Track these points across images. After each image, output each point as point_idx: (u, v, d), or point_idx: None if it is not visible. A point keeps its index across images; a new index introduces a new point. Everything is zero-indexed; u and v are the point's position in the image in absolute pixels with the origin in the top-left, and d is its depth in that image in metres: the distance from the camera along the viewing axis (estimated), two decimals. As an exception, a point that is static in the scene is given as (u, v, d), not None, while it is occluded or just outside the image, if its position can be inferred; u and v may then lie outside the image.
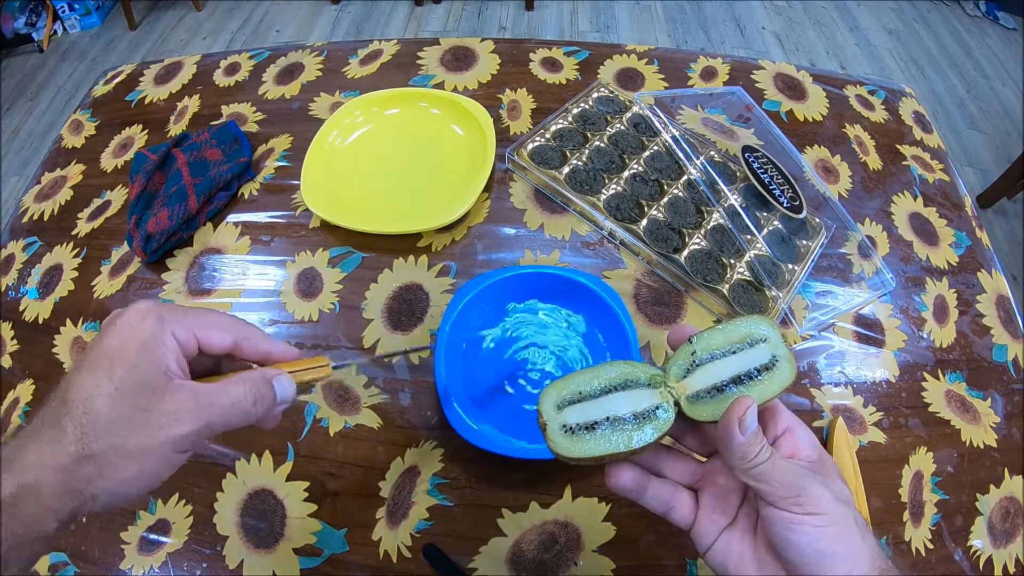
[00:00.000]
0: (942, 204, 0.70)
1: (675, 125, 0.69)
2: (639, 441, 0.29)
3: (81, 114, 0.80)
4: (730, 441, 0.27)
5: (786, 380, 0.29)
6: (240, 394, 0.29)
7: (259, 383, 0.30)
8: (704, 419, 0.29)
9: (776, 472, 0.27)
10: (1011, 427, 0.56)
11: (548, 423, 0.30)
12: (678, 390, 0.30)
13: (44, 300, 0.63)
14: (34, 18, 2.31)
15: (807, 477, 0.27)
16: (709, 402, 0.30)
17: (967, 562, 0.49)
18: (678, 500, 0.31)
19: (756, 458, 0.27)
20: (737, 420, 0.27)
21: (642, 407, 0.30)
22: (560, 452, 0.29)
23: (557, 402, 0.30)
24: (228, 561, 0.47)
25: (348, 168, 0.67)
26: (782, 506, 0.26)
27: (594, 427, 0.29)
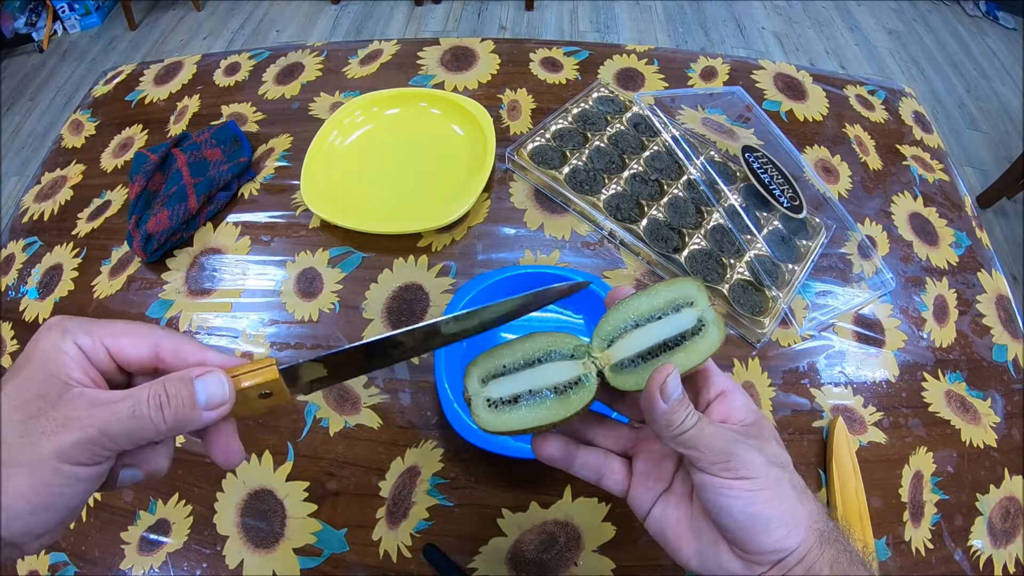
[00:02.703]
0: (942, 204, 0.70)
1: (675, 125, 0.69)
2: (560, 413, 0.29)
3: (81, 114, 0.80)
4: (653, 410, 0.27)
5: (713, 344, 0.29)
6: (142, 397, 0.25)
7: (172, 386, 0.26)
8: (628, 388, 0.29)
9: (704, 438, 0.26)
10: (1011, 427, 0.56)
11: (473, 397, 0.30)
12: (602, 360, 0.30)
13: (44, 300, 0.63)
14: (34, 18, 2.31)
15: (737, 442, 0.26)
16: (634, 371, 0.29)
17: (967, 562, 0.49)
18: (608, 468, 0.31)
19: (682, 424, 0.27)
20: (659, 388, 0.27)
21: (564, 379, 0.29)
22: (484, 426, 0.29)
23: (481, 376, 0.30)
24: (228, 561, 0.47)
25: (348, 168, 0.67)
26: (712, 471, 0.26)
27: (517, 400, 0.29)
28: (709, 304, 0.30)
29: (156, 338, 0.28)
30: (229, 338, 0.58)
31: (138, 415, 0.25)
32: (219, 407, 0.27)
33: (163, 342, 0.28)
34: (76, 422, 0.24)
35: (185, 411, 0.26)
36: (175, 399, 0.26)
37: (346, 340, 0.56)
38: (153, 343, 0.28)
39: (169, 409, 0.25)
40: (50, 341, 0.26)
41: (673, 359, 0.29)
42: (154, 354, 0.28)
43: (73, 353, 0.26)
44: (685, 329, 0.29)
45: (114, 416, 0.25)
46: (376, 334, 0.56)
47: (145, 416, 0.25)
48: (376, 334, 0.56)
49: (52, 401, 0.24)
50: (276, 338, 0.57)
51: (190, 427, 0.27)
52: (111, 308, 0.61)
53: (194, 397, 0.26)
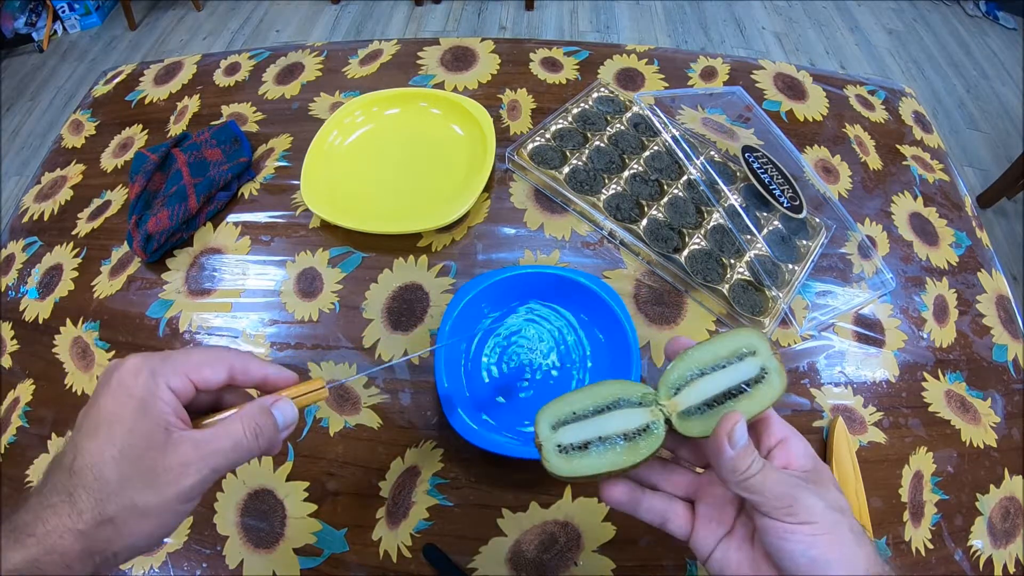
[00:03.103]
0: (942, 204, 0.70)
1: (675, 125, 0.69)
2: (630, 460, 0.30)
3: (81, 114, 0.80)
4: (720, 456, 0.28)
5: (776, 393, 0.30)
6: (239, 432, 0.29)
7: (257, 416, 0.30)
8: (695, 435, 0.30)
9: (768, 483, 0.27)
10: (1011, 427, 0.56)
11: (544, 443, 0.31)
12: (669, 407, 0.31)
13: (44, 300, 0.63)
14: (34, 18, 2.31)
15: (799, 487, 0.27)
16: (700, 418, 0.30)
17: (967, 562, 0.49)
18: (673, 512, 0.32)
19: (748, 471, 0.27)
20: (726, 435, 0.28)
21: (633, 426, 0.30)
22: (554, 471, 0.30)
23: (552, 422, 0.31)
24: (228, 561, 0.47)
25: (348, 168, 0.67)
26: (775, 516, 0.27)
27: (587, 446, 0.30)
28: (771, 353, 0.31)
29: (229, 361, 0.31)
30: (229, 338, 0.58)
31: (239, 448, 0.29)
32: (291, 427, 0.32)
33: (235, 364, 0.31)
34: (191, 467, 0.28)
35: (271, 435, 0.31)
36: (265, 428, 0.30)
37: (346, 340, 0.56)
38: (228, 366, 0.31)
39: (263, 436, 0.30)
40: (143, 388, 0.28)
41: (738, 407, 0.30)
42: (229, 376, 0.31)
43: (168, 399, 0.29)
44: (748, 377, 0.30)
45: (221, 454, 0.29)
46: (377, 334, 0.56)
47: (245, 448, 0.29)
48: (377, 334, 0.56)
49: (160, 450, 0.27)
50: (276, 338, 0.57)
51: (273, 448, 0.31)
52: (111, 308, 0.61)
53: (276, 423, 0.31)
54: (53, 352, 0.59)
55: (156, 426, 0.28)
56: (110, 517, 0.26)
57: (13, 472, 0.54)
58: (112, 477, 0.26)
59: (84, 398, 0.56)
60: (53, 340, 0.60)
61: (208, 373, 0.30)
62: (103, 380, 0.29)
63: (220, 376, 0.31)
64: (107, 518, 0.26)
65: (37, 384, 0.58)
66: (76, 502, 0.26)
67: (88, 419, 0.28)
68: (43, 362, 0.59)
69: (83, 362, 0.58)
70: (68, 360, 0.59)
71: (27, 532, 0.25)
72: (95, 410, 0.28)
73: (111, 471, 0.26)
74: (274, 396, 0.32)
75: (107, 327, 0.60)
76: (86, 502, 0.26)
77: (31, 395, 0.57)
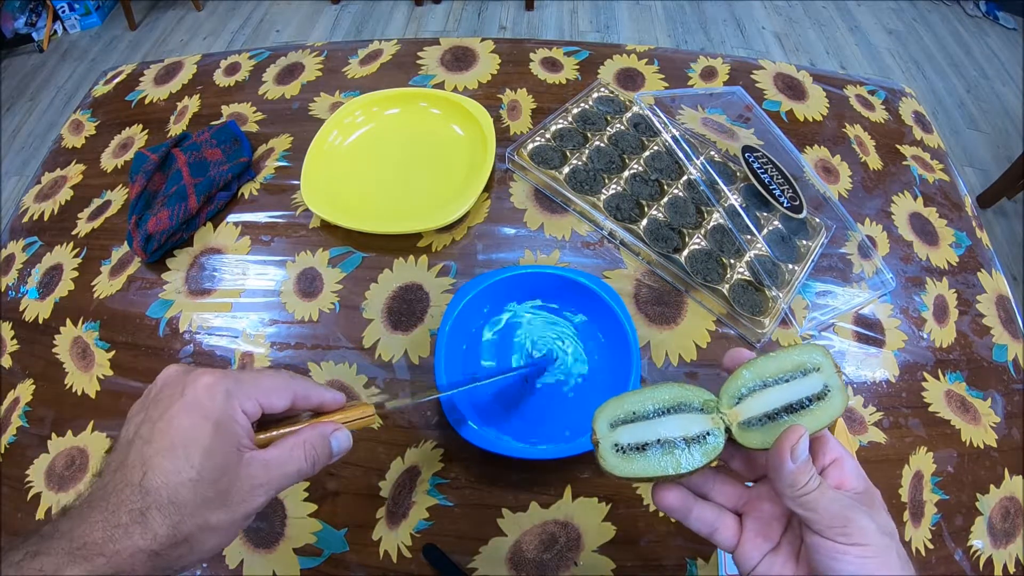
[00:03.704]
0: (942, 204, 0.70)
1: (675, 125, 0.69)
2: (688, 465, 0.29)
3: (81, 114, 0.80)
4: (781, 469, 0.28)
5: (837, 411, 0.30)
6: (302, 458, 0.31)
7: (317, 444, 0.32)
8: (755, 447, 0.30)
9: (824, 501, 0.27)
10: (1011, 427, 0.56)
11: (601, 441, 0.30)
12: (730, 416, 0.30)
13: (44, 300, 0.63)
14: (34, 18, 2.31)
15: (854, 508, 0.27)
16: (760, 429, 0.30)
17: (967, 562, 0.49)
18: (722, 523, 0.32)
19: (805, 487, 0.27)
20: (789, 448, 0.28)
21: (693, 432, 0.30)
22: (610, 470, 0.30)
23: (611, 420, 0.31)
24: (228, 561, 0.47)
25: (348, 168, 0.67)
26: (828, 535, 0.27)
27: (645, 448, 0.30)
28: (835, 371, 0.31)
29: (294, 389, 0.33)
30: (229, 338, 0.58)
31: (300, 471, 0.31)
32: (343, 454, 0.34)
33: (298, 391, 0.33)
34: (261, 488, 0.29)
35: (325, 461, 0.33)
36: (322, 454, 0.32)
37: (346, 340, 0.56)
38: (292, 393, 0.32)
39: (319, 464, 0.32)
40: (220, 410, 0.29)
41: (799, 422, 0.30)
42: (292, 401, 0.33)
43: (243, 422, 0.30)
44: (811, 394, 0.30)
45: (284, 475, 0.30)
46: (377, 334, 0.56)
47: (304, 470, 0.31)
48: (377, 334, 0.56)
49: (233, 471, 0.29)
50: (276, 338, 0.57)
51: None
52: (111, 308, 0.61)
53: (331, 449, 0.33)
54: (53, 352, 0.59)
55: (231, 448, 0.29)
56: (185, 537, 0.27)
57: (13, 472, 0.54)
58: (190, 499, 0.27)
59: (84, 398, 0.56)
60: (53, 340, 0.60)
61: (276, 399, 0.32)
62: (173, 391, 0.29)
63: (286, 402, 0.32)
64: (182, 538, 0.27)
65: (37, 384, 0.58)
66: (150, 523, 0.26)
67: (159, 434, 0.28)
68: (43, 362, 0.59)
69: (83, 362, 0.58)
70: (68, 360, 0.59)
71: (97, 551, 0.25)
72: (168, 425, 0.28)
73: (189, 493, 0.27)
74: (333, 424, 0.33)
75: (107, 327, 0.60)
76: (161, 524, 0.26)
77: (31, 395, 0.57)
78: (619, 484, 0.50)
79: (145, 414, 0.29)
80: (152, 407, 0.29)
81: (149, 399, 0.30)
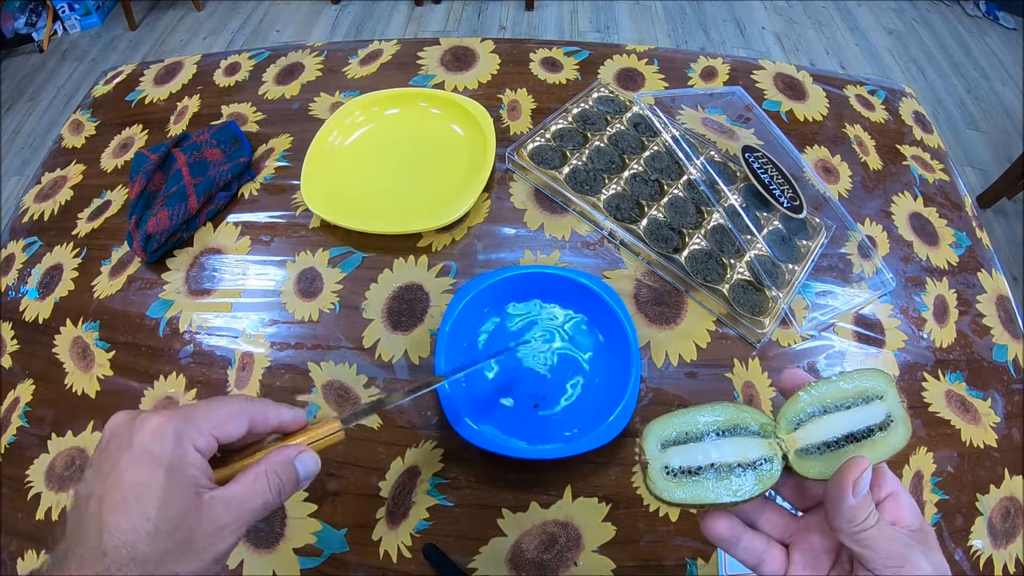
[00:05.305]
0: (942, 204, 0.70)
1: (675, 125, 0.69)
2: (743, 493, 0.28)
3: (81, 114, 0.80)
4: (841, 503, 0.26)
5: (900, 443, 0.28)
6: (266, 489, 0.30)
7: (282, 471, 0.30)
8: (813, 477, 0.28)
9: (882, 539, 0.26)
10: (1011, 427, 0.56)
11: (651, 462, 0.28)
12: (788, 442, 0.29)
13: (44, 300, 0.63)
14: (34, 18, 2.31)
15: (911, 548, 0.26)
16: (819, 458, 0.28)
17: (967, 562, 0.49)
18: (770, 555, 0.30)
19: (864, 522, 0.26)
20: (852, 482, 0.26)
21: (750, 458, 0.28)
22: (659, 495, 0.28)
23: (661, 440, 0.29)
24: (228, 561, 0.47)
25: (348, 168, 0.67)
26: (883, 574, 0.26)
27: (697, 472, 0.28)
28: (899, 400, 0.29)
29: (249, 414, 0.31)
30: (229, 338, 0.58)
31: (267, 504, 0.29)
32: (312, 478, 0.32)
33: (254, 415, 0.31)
34: (226, 529, 0.28)
35: (293, 487, 0.31)
36: (288, 482, 0.31)
37: (346, 340, 0.56)
38: (247, 418, 0.31)
39: (284, 490, 0.30)
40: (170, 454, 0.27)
41: (859, 452, 0.28)
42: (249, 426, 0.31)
43: (197, 462, 0.28)
44: (873, 423, 0.29)
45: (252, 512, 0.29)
46: (377, 334, 0.56)
47: (271, 502, 0.30)
48: (377, 334, 0.56)
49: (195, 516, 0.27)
50: (276, 338, 0.57)
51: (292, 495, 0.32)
52: (111, 308, 0.61)
53: (298, 475, 0.31)
54: (53, 352, 0.59)
55: (188, 493, 0.27)
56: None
57: (13, 472, 0.54)
58: (151, 553, 0.25)
59: (84, 398, 0.56)
60: (53, 340, 0.60)
61: (231, 428, 0.30)
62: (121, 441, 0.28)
63: (242, 429, 0.31)
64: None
65: (37, 384, 0.58)
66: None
67: (111, 489, 0.26)
68: (43, 362, 0.59)
69: (83, 362, 0.58)
70: (68, 360, 0.59)
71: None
72: (118, 479, 0.26)
73: (148, 547, 0.25)
74: (297, 447, 0.32)
75: (107, 327, 0.60)
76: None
77: (31, 395, 0.57)
78: (619, 484, 0.50)
79: (96, 468, 0.28)
80: (103, 459, 0.28)
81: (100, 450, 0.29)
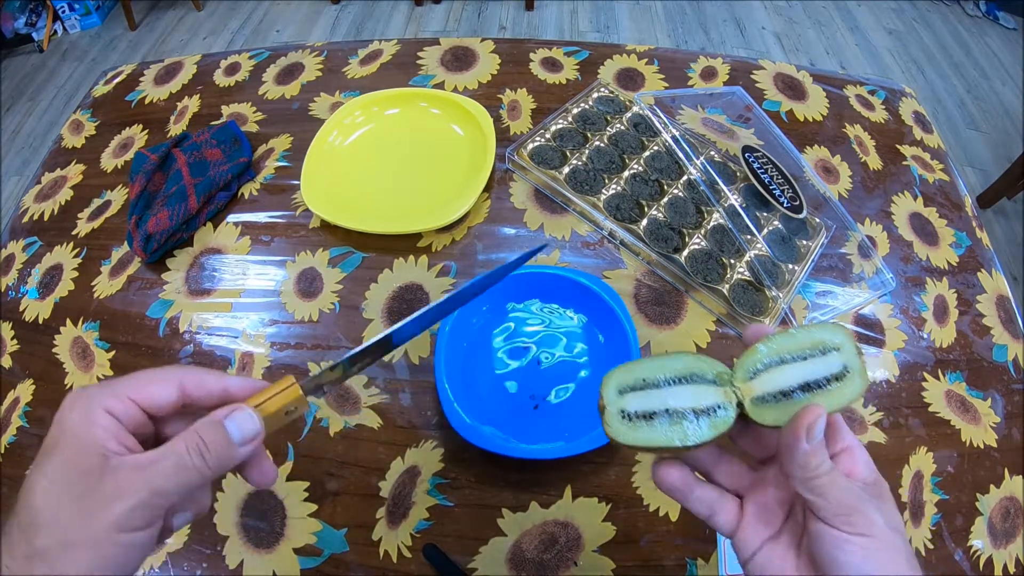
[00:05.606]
0: (942, 204, 0.70)
1: (675, 125, 0.69)
2: (696, 438, 0.28)
3: (81, 114, 0.80)
4: (795, 448, 0.27)
5: (856, 392, 0.29)
6: (182, 451, 0.26)
7: (206, 431, 0.27)
8: (767, 423, 0.29)
9: (834, 488, 0.26)
10: (1011, 427, 0.56)
11: (608, 407, 0.29)
12: (744, 391, 0.29)
13: (44, 300, 0.63)
14: (34, 18, 2.31)
15: (863, 498, 0.26)
16: (775, 406, 0.29)
17: (967, 562, 0.49)
18: (722, 506, 0.31)
19: (817, 469, 0.26)
20: (805, 427, 0.26)
21: (704, 403, 0.29)
22: (615, 437, 0.29)
23: (619, 387, 0.29)
24: (228, 561, 0.47)
25: (348, 168, 0.67)
26: (834, 523, 0.26)
27: (652, 417, 0.29)
28: (856, 352, 0.30)
29: (179, 377, 0.29)
30: (229, 338, 0.58)
31: (183, 467, 0.26)
32: (253, 440, 0.28)
33: (186, 379, 0.29)
34: (126, 490, 0.25)
35: (224, 452, 0.27)
36: (213, 444, 0.27)
37: (346, 340, 0.56)
38: (177, 382, 0.28)
39: (210, 454, 0.27)
40: (79, 416, 0.26)
41: (815, 401, 0.29)
42: (181, 392, 0.28)
43: (105, 423, 0.26)
44: (829, 373, 0.29)
45: (161, 475, 0.25)
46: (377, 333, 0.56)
47: (190, 467, 0.26)
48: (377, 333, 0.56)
49: (96, 477, 0.25)
50: (276, 338, 0.57)
51: (231, 466, 0.28)
52: (111, 308, 0.61)
53: (228, 437, 0.27)
54: (53, 352, 0.59)
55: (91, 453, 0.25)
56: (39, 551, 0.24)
57: (13, 472, 0.54)
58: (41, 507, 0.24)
59: (84, 398, 0.56)
60: (53, 340, 0.60)
61: (155, 391, 0.28)
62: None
63: (170, 394, 0.28)
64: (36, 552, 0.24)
65: (37, 384, 0.58)
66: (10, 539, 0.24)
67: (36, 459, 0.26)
68: (43, 362, 0.59)
69: (83, 362, 0.58)
70: (68, 360, 0.59)
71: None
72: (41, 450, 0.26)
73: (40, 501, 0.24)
74: (229, 407, 0.28)
75: (107, 327, 0.60)
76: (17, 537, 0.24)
77: (31, 395, 0.57)
78: (619, 484, 0.50)
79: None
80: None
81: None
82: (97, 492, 0.24)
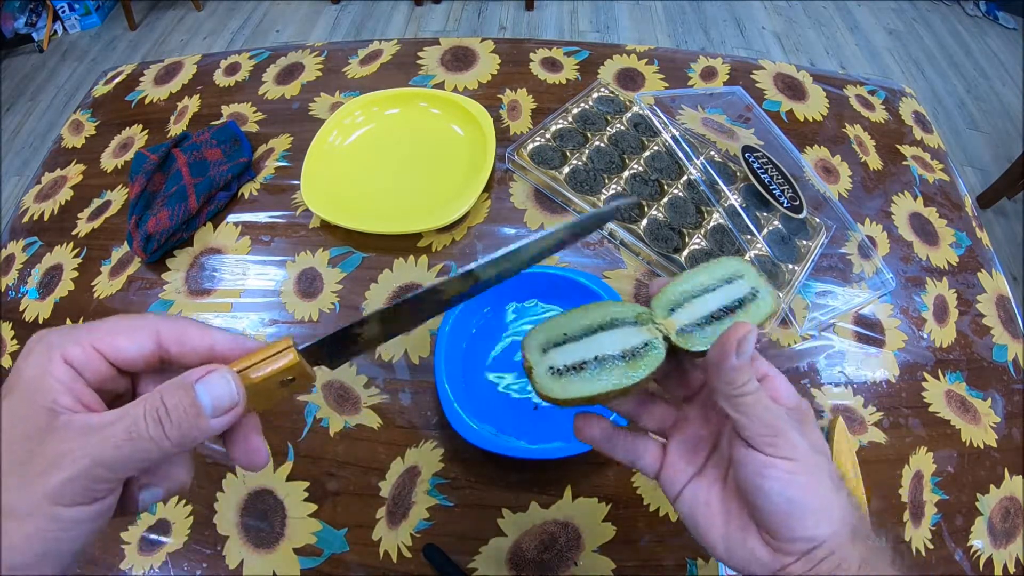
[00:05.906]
0: (942, 204, 0.70)
1: (675, 125, 0.69)
2: (631, 378, 0.28)
3: (81, 114, 0.80)
4: (723, 364, 0.26)
5: (769, 309, 0.30)
6: (139, 415, 0.22)
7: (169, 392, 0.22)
8: (697, 349, 0.29)
9: (759, 408, 0.26)
10: (1011, 427, 0.56)
11: (534, 367, 0.29)
12: (667, 326, 0.29)
13: (44, 300, 0.63)
14: (34, 18, 2.31)
15: (787, 421, 0.26)
16: (700, 332, 0.29)
17: (967, 562, 0.49)
18: (646, 448, 0.31)
19: (745, 387, 0.26)
20: (736, 342, 0.26)
21: (632, 344, 0.29)
22: (548, 395, 0.28)
23: (542, 345, 0.29)
24: (228, 561, 0.47)
25: (348, 168, 0.67)
26: (757, 444, 0.26)
27: (582, 367, 0.28)
28: (759, 275, 0.31)
29: (155, 327, 0.24)
30: (229, 338, 0.58)
31: (136, 436, 0.22)
32: (229, 411, 0.23)
33: (164, 330, 0.24)
34: (65, 457, 0.21)
35: (189, 423, 0.22)
36: (176, 411, 0.22)
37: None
38: (153, 333, 0.24)
39: (170, 423, 0.22)
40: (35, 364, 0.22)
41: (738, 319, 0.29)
42: (156, 345, 0.24)
43: (60, 374, 0.22)
44: (742, 295, 0.30)
45: (108, 442, 0.21)
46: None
47: (144, 437, 0.22)
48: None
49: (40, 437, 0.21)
50: (276, 338, 0.57)
51: (199, 439, 0.23)
52: (111, 308, 0.61)
53: (198, 405, 0.23)
54: (53, 352, 0.59)
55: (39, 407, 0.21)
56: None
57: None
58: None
59: (84, 398, 0.56)
60: (53, 340, 0.60)
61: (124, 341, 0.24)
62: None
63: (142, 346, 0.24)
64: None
65: (37, 384, 0.58)
66: None
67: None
68: (43, 362, 0.59)
69: (83, 362, 0.58)
70: (68, 360, 0.59)
71: None
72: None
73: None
74: (205, 368, 0.23)
75: (107, 327, 0.59)
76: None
77: (31, 395, 0.57)
78: (619, 484, 0.49)
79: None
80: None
81: None
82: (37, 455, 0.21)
